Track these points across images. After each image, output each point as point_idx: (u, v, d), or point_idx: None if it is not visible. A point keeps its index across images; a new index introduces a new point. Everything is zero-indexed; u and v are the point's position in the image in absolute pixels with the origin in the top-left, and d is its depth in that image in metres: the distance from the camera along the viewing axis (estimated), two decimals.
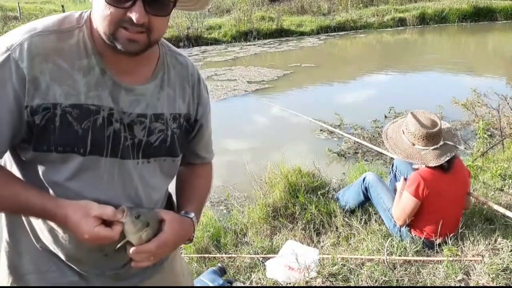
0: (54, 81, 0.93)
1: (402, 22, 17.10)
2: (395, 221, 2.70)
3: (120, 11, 0.89)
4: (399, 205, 2.63)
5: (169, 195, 1.26)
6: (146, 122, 1.04)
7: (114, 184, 1.02)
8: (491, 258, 2.36)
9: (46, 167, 0.97)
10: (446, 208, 2.56)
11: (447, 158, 2.49)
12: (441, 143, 2.53)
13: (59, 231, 1.02)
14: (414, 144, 2.55)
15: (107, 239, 0.93)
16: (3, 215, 1.08)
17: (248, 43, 14.03)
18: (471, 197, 2.83)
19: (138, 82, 1.03)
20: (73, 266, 1.08)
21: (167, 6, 0.95)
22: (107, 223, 0.94)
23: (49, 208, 0.93)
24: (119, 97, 1.00)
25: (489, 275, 2.25)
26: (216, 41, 13.87)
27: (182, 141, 1.13)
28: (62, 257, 1.07)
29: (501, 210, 2.70)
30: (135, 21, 0.89)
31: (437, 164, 2.49)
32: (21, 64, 0.90)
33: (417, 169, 2.67)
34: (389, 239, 2.60)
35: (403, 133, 2.62)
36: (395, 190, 2.89)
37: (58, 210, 0.93)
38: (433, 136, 2.50)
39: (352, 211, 3.02)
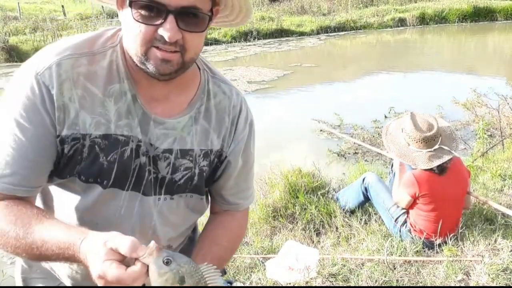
0: (84, 109, 0.87)
1: (402, 22, 17.11)
2: (395, 222, 2.71)
3: (151, 29, 0.81)
4: (397, 195, 2.66)
5: (194, 229, 1.18)
6: (171, 158, 0.95)
7: (132, 220, 0.95)
8: (491, 258, 2.36)
9: (62, 195, 0.92)
10: (445, 208, 2.56)
11: (439, 163, 2.48)
12: (436, 147, 2.52)
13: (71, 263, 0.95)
14: (409, 145, 2.56)
15: (116, 282, 0.69)
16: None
17: (248, 43, 14.02)
18: (471, 197, 2.83)
19: (170, 113, 0.95)
20: None
21: (203, 21, 0.85)
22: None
23: (74, 241, 0.76)
24: (148, 129, 0.92)
25: (489, 275, 2.25)
26: (216, 41, 13.86)
27: (209, 178, 1.04)
28: (69, 283, 1.02)
29: (502, 208, 2.70)
30: (167, 39, 0.80)
31: (427, 168, 2.49)
32: (51, 90, 0.84)
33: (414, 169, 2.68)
34: (389, 239, 2.60)
35: (402, 131, 2.63)
36: None
37: (83, 244, 0.75)
38: (427, 140, 2.50)
39: (352, 212, 3.02)
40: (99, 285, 0.72)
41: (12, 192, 0.85)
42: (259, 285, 2.36)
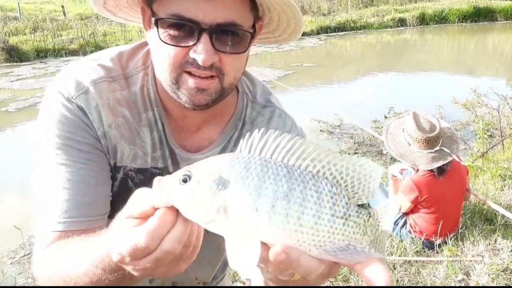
0: (123, 139, 0.80)
1: (402, 22, 17.10)
2: (394, 224, 2.72)
3: (181, 51, 0.70)
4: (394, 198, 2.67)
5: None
6: None
7: None
8: (491, 259, 2.36)
9: None
10: (445, 209, 2.56)
11: (439, 164, 2.48)
12: (437, 148, 2.51)
13: None
14: (410, 145, 2.55)
15: (136, 253, 0.49)
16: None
17: None
18: (470, 194, 2.84)
19: (199, 146, 0.85)
20: None
21: (244, 40, 0.72)
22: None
23: (103, 245, 0.62)
24: (177, 160, 0.85)
25: (489, 275, 2.25)
26: None
27: None
28: None
29: (500, 209, 2.70)
30: (200, 62, 0.68)
31: (427, 169, 2.48)
32: (89, 116, 0.77)
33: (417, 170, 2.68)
34: (389, 239, 2.60)
35: (403, 131, 2.62)
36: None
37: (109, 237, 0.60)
38: (429, 141, 2.49)
39: None
40: (130, 270, 0.53)
41: (84, 226, 0.73)
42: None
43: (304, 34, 15.54)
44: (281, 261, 0.45)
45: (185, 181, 0.48)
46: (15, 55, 10.66)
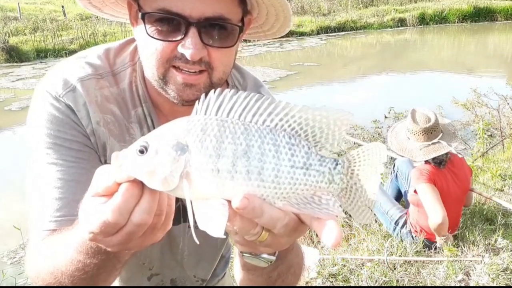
0: (112, 136, 0.79)
1: (402, 22, 17.10)
2: (395, 224, 2.73)
3: (169, 46, 0.69)
4: (428, 205, 2.49)
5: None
6: None
7: (159, 245, 0.88)
8: (491, 258, 2.36)
9: None
10: (446, 206, 2.56)
11: (435, 155, 2.52)
12: (435, 140, 2.57)
13: None
14: (409, 139, 2.62)
15: (107, 228, 0.49)
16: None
17: (250, 43, 14.04)
18: (473, 194, 2.86)
19: None
20: None
21: (232, 34, 0.72)
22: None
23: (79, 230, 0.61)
24: None
25: (489, 275, 2.25)
26: None
27: None
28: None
29: (505, 204, 2.74)
30: (188, 57, 0.68)
31: (423, 160, 2.54)
32: (77, 113, 0.76)
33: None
34: (389, 239, 2.60)
35: (405, 128, 2.71)
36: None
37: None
38: (424, 132, 2.55)
39: None
40: (105, 247, 0.53)
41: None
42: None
43: (304, 34, 15.54)
44: (245, 208, 0.45)
45: (142, 152, 0.47)
46: (15, 55, 10.68)
